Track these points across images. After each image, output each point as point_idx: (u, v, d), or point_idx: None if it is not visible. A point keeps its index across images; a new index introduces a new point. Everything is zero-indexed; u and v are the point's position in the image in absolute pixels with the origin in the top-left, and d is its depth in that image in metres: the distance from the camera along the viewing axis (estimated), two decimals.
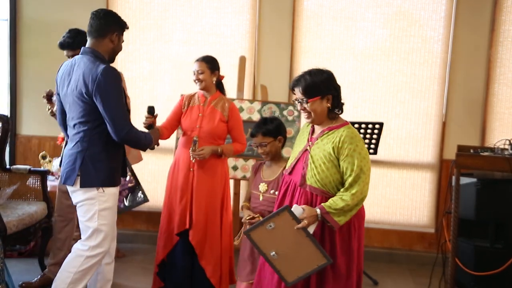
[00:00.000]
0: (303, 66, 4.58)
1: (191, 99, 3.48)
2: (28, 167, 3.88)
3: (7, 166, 3.91)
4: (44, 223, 3.74)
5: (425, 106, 4.58)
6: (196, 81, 3.40)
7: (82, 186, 2.77)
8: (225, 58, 4.42)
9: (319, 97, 2.45)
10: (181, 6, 4.70)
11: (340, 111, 2.55)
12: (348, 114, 4.65)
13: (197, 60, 3.43)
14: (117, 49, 2.89)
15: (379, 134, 4.10)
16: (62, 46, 3.57)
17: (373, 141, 4.12)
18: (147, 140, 2.92)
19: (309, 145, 2.53)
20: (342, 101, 2.56)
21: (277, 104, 4.15)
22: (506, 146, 3.48)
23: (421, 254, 4.62)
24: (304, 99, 2.46)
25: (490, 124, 4.53)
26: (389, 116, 4.59)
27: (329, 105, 2.48)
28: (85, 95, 2.71)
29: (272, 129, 2.95)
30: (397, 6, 4.57)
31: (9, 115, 4.56)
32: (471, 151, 3.54)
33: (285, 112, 4.11)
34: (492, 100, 4.53)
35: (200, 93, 3.47)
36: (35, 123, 4.80)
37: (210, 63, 3.40)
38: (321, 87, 2.46)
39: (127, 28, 2.94)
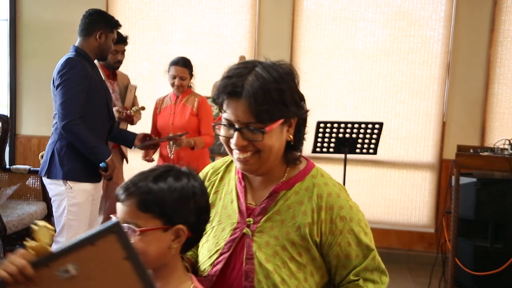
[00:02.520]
0: (303, 66, 4.58)
1: (163, 101, 3.66)
2: (28, 167, 3.89)
3: (7, 166, 3.92)
4: None
5: (425, 106, 4.58)
6: (178, 87, 3.49)
7: (48, 177, 2.85)
8: (225, 58, 4.43)
9: (281, 120, 1.26)
10: (181, 6, 4.70)
11: (300, 151, 1.37)
12: (348, 114, 4.71)
13: (178, 65, 3.48)
14: (103, 47, 2.93)
15: (378, 134, 4.09)
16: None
17: (373, 141, 4.11)
18: (99, 148, 2.79)
19: (248, 225, 1.32)
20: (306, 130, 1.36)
21: None
22: (506, 146, 3.48)
23: (421, 254, 4.62)
24: (254, 125, 1.23)
25: (490, 124, 4.53)
26: (389, 116, 4.59)
27: (291, 136, 1.30)
28: (54, 88, 2.83)
29: None
30: (397, 6, 4.57)
31: (9, 115, 4.56)
32: (471, 151, 3.54)
33: None
34: (492, 100, 4.53)
35: (172, 92, 3.59)
36: (35, 123, 4.80)
37: (190, 68, 3.52)
38: (287, 101, 1.25)
39: (119, 26, 2.98)
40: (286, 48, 4.60)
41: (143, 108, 3.73)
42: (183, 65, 3.48)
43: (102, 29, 2.89)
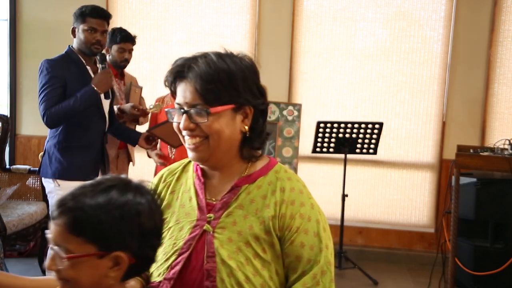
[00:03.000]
0: (303, 66, 4.58)
1: (163, 100, 3.67)
2: (27, 167, 3.89)
3: (7, 166, 3.92)
4: (43, 223, 3.74)
5: (425, 106, 4.58)
6: None
7: (40, 175, 2.94)
8: None
9: (231, 105, 1.22)
10: (181, 6, 4.71)
11: (262, 149, 1.33)
12: (348, 114, 4.71)
13: None
14: (80, 41, 2.90)
15: (378, 134, 4.10)
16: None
17: (373, 141, 4.12)
18: (83, 97, 2.80)
19: (208, 221, 1.25)
20: (266, 127, 1.32)
21: (277, 104, 4.15)
22: (506, 146, 3.48)
23: (421, 254, 4.62)
24: (201, 106, 1.20)
25: (490, 124, 4.53)
26: (389, 116, 4.59)
27: (246, 127, 1.25)
28: None
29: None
30: (397, 6, 4.57)
31: (9, 115, 4.56)
32: (471, 151, 3.54)
33: (285, 112, 4.11)
34: (492, 100, 4.53)
35: None
36: (35, 123, 4.79)
37: None
38: (238, 85, 1.22)
39: (89, 13, 2.86)
40: (286, 48, 4.60)
41: (160, 105, 3.64)
42: None
43: (73, 25, 2.93)
